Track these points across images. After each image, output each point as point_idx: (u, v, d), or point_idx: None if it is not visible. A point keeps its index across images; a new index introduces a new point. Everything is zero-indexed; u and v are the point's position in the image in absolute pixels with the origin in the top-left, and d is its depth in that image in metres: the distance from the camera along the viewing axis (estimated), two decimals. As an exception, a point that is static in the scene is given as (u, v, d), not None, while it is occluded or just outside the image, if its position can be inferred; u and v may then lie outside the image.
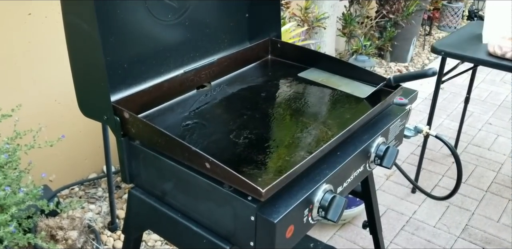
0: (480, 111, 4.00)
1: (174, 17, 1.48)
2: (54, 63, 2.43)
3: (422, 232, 2.65)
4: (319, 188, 1.17)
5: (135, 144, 1.30)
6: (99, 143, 2.47)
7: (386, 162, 1.39)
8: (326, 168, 1.23)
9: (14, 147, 1.86)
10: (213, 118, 1.44)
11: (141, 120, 1.23)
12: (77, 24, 1.20)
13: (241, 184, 1.06)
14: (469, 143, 3.54)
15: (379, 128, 1.42)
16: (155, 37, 1.47)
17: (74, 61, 1.29)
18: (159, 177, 1.30)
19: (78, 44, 1.25)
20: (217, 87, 1.62)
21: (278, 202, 1.10)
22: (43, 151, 2.02)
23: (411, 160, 3.26)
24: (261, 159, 1.22)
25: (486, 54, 2.41)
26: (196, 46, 1.60)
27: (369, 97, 1.54)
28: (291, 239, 1.13)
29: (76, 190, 2.75)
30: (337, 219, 1.15)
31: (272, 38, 1.80)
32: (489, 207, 2.87)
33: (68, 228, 2.13)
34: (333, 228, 2.64)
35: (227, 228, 1.17)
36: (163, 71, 1.51)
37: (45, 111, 2.48)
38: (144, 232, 1.75)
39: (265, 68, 1.79)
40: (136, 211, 1.42)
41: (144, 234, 2.41)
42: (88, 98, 1.33)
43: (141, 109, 1.41)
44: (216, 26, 1.66)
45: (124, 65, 1.39)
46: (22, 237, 1.70)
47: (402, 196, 2.94)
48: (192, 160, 1.16)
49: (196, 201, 1.23)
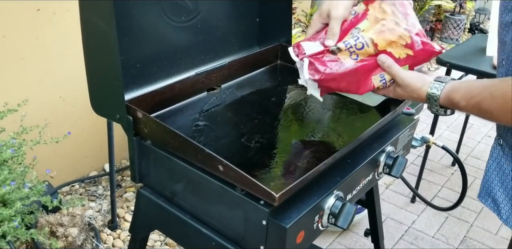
0: (480, 123, 4.01)
1: (187, 19, 1.49)
2: (61, 60, 2.43)
3: (421, 242, 2.66)
4: (330, 195, 1.17)
5: (146, 144, 1.30)
6: (101, 141, 2.48)
7: (395, 172, 1.40)
8: (337, 175, 1.23)
9: (20, 142, 1.86)
10: (223, 121, 1.44)
11: (154, 120, 1.23)
12: (94, 22, 1.20)
13: (254, 188, 1.06)
14: (469, 155, 3.56)
15: (389, 138, 1.43)
16: (168, 38, 1.48)
17: (89, 59, 1.29)
18: (169, 178, 1.30)
19: (94, 43, 1.25)
20: (227, 90, 1.63)
21: (290, 207, 1.10)
22: (45, 147, 2.02)
23: (411, 170, 3.27)
24: (273, 163, 1.22)
25: (490, 67, 2.43)
26: (207, 49, 1.61)
27: (379, 106, 1.54)
28: (301, 245, 1.13)
29: (77, 187, 2.75)
30: (347, 227, 1.16)
31: (282, 43, 1.81)
32: (487, 219, 2.88)
33: (69, 225, 2.13)
34: (332, 235, 2.64)
35: (237, 231, 1.17)
36: (174, 72, 1.52)
37: (49, 108, 2.48)
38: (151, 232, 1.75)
39: (274, 73, 1.79)
40: (144, 211, 1.42)
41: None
42: (101, 96, 1.33)
43: (152, 109, 1.41)
44: (227, 30, 1.66)
45: (136, 65, 1.40)
46: (24, 233, 1.70)
47: (402, 205, 2.95)
48: (205, 162, 1.16)
49: (207, 203, 1.23)
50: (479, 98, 1.06)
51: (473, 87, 1.10)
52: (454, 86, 1.14)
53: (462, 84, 1.13)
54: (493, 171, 1.25)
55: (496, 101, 1.02)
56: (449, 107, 1.17)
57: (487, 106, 1.05)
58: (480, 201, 1.32)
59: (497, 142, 1.24)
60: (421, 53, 1.24)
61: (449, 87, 1.14)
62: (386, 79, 1.26)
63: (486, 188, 1.28)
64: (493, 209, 1.26)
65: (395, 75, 1.23)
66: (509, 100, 0.99)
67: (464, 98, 1.10)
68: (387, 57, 1.23)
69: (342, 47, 1.25)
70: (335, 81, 1.28)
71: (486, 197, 1.29)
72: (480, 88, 1.07)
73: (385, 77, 1.26)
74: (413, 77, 1.21)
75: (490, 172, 1.26)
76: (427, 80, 1.19)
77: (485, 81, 1.08)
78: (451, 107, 1.17)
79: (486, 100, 1.04)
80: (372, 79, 1.26)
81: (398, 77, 1.22)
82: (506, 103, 1.00)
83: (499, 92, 1.01)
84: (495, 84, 1.04)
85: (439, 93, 1.15)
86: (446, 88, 1.15)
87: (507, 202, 1.21)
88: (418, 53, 1.24)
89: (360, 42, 1.24)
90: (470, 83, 1.12)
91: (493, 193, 1.25)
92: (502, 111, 1.02)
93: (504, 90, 1.00)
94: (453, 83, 1.15)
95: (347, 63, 1.26)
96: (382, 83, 1.26)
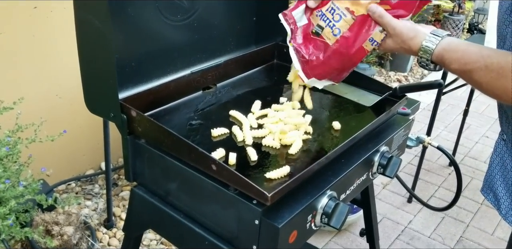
0: (478, 124, 4.01)
1: (183, 18, 1.49)
2: (57, 58, 2.43)
3: (417, 242, 2.66)
4: (323, 195, 1.17)
5: (140, 143, 1.30)
6: (98, 139, 2.47)
7: (389, 172, 1.40)
8: (330, 175, 1.23)
9: (15, 140, 1.86)
10: (218, 119, 1.44)
11: (148, 119, 1.23)
12: (89, 20, 1.20)
13: (247, 187, 1.06)
14: (466, 155, 3.55)
15: (383, 137, 1.43)
16: (164, 37, 1.48)
17: (83, 57, 1.29)
18: (163, 177, 1.30)
19: (89, 41, 1.25)
20: (223, 89, 1.62)
21: (282, 207, 1.10)
22: (42, 146, 2.01)
23: (408, 170, 3.27)
24: (266, 163, 1.22)
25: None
26: (203, 48, 1.61)
27: (374, 106, 1.54)
28: (294, 244, 1.13)
29: (73, 185, 2.74)
30: (340, 226, 1.15)
31: (279, 42, 1.81)
32: (484, 219, 2.88)
33: (64, 224, 2.13)
34: (328, 234, 2.64)
35: (230, 231, 1.17)
36: (170, 71, 1.52)
37: (46, 106, 2.48)
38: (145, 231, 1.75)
39: (271, 72, 1.79)
40: (138, 209, 1.42)
41: (139, 233, 2.40)
42: (96, 94, 1.33)
43: (147, 107, 1.41)
44: (224, 29, 1.66)
45: (132, 63, 1.39)
46: (19, 231, 1.70)
47: (398, 205, 2.95)
48: (198, 161, 1.16)
49: (200, 203, 1.23)
50: (473, 67, 1.03)
51: (470, 52, 1.06)
52: (450, 46, 1.10)
53: (459, 46, 1.09)
54: (496, 165, 1.24)
55: (490, 75, 1.00)
56: (438, 64, 1.14)
57: (478, 77, 1.02)
58: (482, 195, 1.32)
59: (501, 137, 1.24)
60: (402, 4, 1.20)
61: (445, 45, 1.11)
62: (376, 40, 1.23)
63: (489, 182, 1.28)
64: (494, 204, 1.26)
65: (386, 24, 1.18)
66: (504, 75, 0.97)
67: (458, 62, 1.07)
68: (377, 6, 1.19)
69: (322, 24, 1.28)
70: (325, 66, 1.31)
71: (488, 191, 1.29)
72: (477, 56, 1.03)
73: (374, 39, 1.23)
74: (405, 26, 1.17)
75: (493, 167, 1.25)
76: (420, 31, 1.15)
77: (483, 50, 1.04)
78: (440, 65, 1.14)
79: (480, 71, 1.02)
80: (364, 46, 1.25)
81: (390, 26, 1.18)
82: (500, 78, 0.98)
83: (495, 66, 0.99)
84: (492, 56, 1.01)
85: (433, 48, 1.11)
86: (441, 44, 1.11)
87: (507, 198, 1.21)
88: (397, 5, 1.20)
89: (337, 14, 1.25)
90: (467, 47, 1.08)
91: (495, 187, 1.25)
92: (492, 86, 1.00)
93: (501, 64, 0.98)
94: (450, 42, 1.11)
95: (331, 47, 1.28)
96: (375, 45, 1.24)
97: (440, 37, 1.12)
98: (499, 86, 0.99)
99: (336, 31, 1.26)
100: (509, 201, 1.20)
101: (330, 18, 1.26)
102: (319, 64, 1.31)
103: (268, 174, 1.14)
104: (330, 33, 1.27)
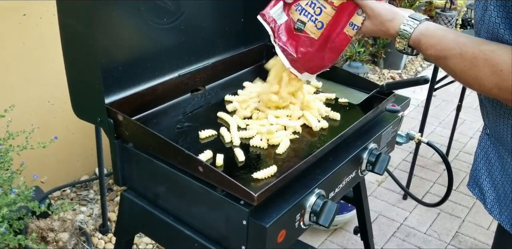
0: (472, 119, 4.02)
1: (169, 21, 1.49)
2: (48, 65, 2.42)
3: (413, 238, 2.67)
4: (311, 193, 1.17)
5: (128, 147, 1.30)
6: (91, 145, 2.47)
7: (378, 169, 1.40)
8: (318, 173, 1.23)
9: (7, 148, 1.86)
10: (207, 121, 1.44)
11: (135, 122, 1.24)
12: (72, 26, 1.20)
13: (233, 188, 1.06)
14: (461, 151, 3.56)
15: (372, 135, 1.43)
16: (150, 40, 1.47)
17: (68, 63, 1.29)
18: (151, 180, 1.30)
19: (73, 46, 1.25)
20: (211, 90, 1.63)
21: (270, 206, 1.10)
22: (35, 152, 2.01)
23: (402, 167, 3.27)
24: (254, 163, 1.22)
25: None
26: (191, 50, 1.61)
27: (362, 103, 1.55)
28: (283, 243, 1.13)
29: (68, 192, 2.74)
30: (329, 225, 1.16)
31: (267, 43, 1.81)
32: (479, 214, 2.88)
33: (59, 230, 2.13)
34: (324, 233, 2.64)
35: (218, 232, 1.17)
36: (158, 74, 1.52)
37: (37, 112, 2.48)
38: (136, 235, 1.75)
39: (260, 73, 1.79)
40: (128, 213, 1.42)
41: (136, 237, 2.40)
42: (82, 99, 1.33)
43: (135, 111, 1.41)
44: (211, 30, 1.66)
45: (119, 67, 1.39)
46: (12, 239, 1.70)
47: (394, 202, 2.95)
48: (185, 163, 1.16)
49: (189, 205, 1.23)
50: (448, 54, 1.03)
51: (447, 39, 1.06)
52: (428, 30, 1.10)
53: (436, 31, 1.09)
54: (480, 160, 1.24)
55: (463, 63, 1.00)
56: (415, 48, 1.14)
57: (453, 65, 1.03)
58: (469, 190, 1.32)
59: (485, 131, 1.24)
60: None
61: (423, 29, 1.11)
62: (356, 24, 1.24)
63: (474, 177, 1.28)
64: (480, 198, 1.26)
65: (365, 5, 1.19)
66: (476, 65, 0.98)
67: (434, 48, 1.07)
68: None
69: (304, 19, 1.29)
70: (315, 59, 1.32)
71: (474, 186, 1.29)
72: (453, 43, 1.03)
73: (354, 23, 1.24)
74: (384, 8, 1.17)
75: (478, 161, 1.25)
76: (398, 13, 1.15)
77: (460, 37, 1.04)
78: (416, 49, 1.14)
79: (454, 58, 1.02)
80: (345, 31, 1.26)
81: (368, 8, 1.19)
82: (473, 67, 0.98)
83: (470, 55, 0.99)
84: (468, 44, 1.01)
85: (411, 31, 1.11)
86: (419, 29, 1.11)
87: (492, 192, 1.21)
88: None
89: (317, 7, 1.26)
90: (445, 33, 1.08)
91: (480, 182, 1.25)
92: (465, 74, 1.01)
93: (475, 54, 0.98)
94: (427, 26, 1.11)
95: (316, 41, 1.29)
96: (356, 29, 1.25)
97: (418, 21, 1.12)
98: (471, 74, 0.99)
99: (319, 24, 1.27)
100: (494, 195, 1.20)
101: (311, 12, 1.27)
102: (309, 59, 1.32)
103: (255, 174, 1.14)
104: (313, 27, 1.28)
